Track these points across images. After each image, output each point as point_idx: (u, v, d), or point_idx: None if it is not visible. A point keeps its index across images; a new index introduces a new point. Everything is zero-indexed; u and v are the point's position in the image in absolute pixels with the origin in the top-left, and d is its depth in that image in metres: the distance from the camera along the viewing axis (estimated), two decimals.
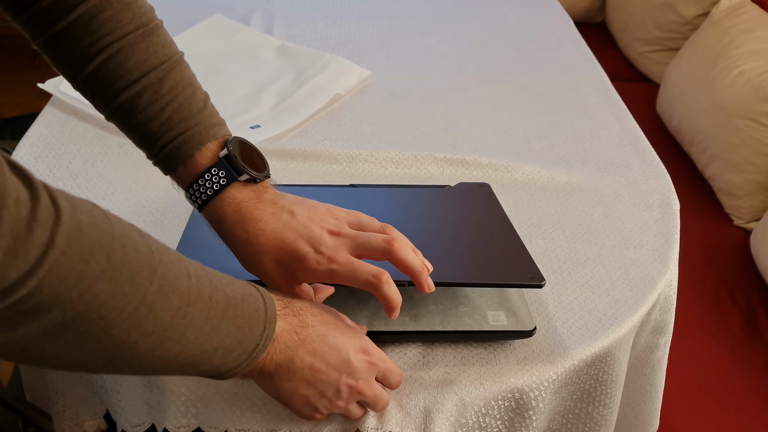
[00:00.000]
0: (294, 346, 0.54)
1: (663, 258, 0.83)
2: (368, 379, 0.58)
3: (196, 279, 0.48)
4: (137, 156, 0.93)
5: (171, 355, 0.47)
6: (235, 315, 0.50)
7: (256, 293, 0.53)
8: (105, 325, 0.42)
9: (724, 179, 1.50)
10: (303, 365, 0.54)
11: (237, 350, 0.51)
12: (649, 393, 0.88)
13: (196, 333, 0.47)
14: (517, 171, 0.95)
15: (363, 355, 0.57)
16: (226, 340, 0.49)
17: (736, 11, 1.63)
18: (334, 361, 0.55)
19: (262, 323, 0.52)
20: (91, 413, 0.77)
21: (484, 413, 0.66)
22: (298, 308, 0.56)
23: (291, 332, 0.54)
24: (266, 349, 0.52)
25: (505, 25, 1.44)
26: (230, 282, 0.51)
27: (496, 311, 0.70)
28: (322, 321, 0.56)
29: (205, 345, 0.48)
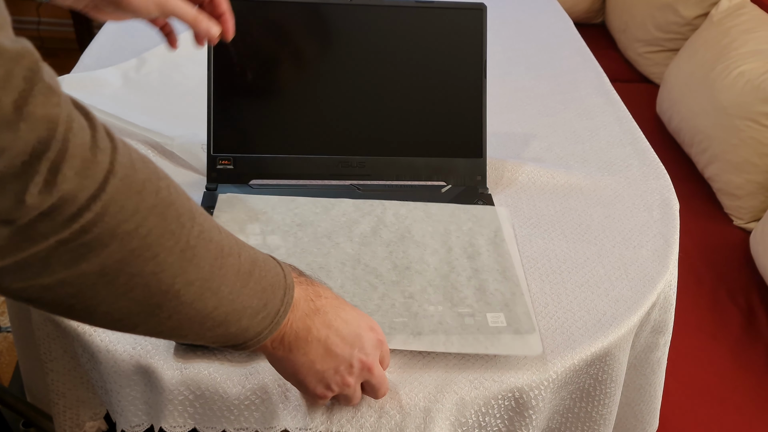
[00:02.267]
0: (311, 314, 0.55)
1: (662, 258, 0.83)
2: (376, 358, 0.59)
3: (225, 234, 0.49)
4: None
5: (208, 309, 0.47)
6: (261, 275, 0.51)
7: (273, 260, 0.54)
8: (155, 267, 0.43)
9: (724, 179, 1.50)
10: (320, 336, 0.55)
11: (262, 312, 0.51)
12: (649, 393, 0.88)
13: (230, 287, 0.48)
14: (517, 171, 0.96)
15: (371, 332, 0.58)
16: (253, 300, 0.50)
17: (736, 12, 1.63)
18: (347, 334, 0.56)
19: (282, 288, 0.52)
20: (92, 414, 0.77)
21: (484, 412, 0.66)
22: (311, 279, 0.58)
23: (307, 300, 0.55)
24: (287, 314, 0.53)
25: (505, 26, 1.44)
26: (250, 246, 0.52)
27: (495, 313, 0.70)
28: (332, 295, 0.58)
29: (236, 302, 0.49)
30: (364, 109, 0.87)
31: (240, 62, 0.85)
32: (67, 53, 2.86)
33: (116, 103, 1.01)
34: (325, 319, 0.55)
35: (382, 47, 0.87)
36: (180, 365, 0.65)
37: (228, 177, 0.85)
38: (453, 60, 0.88)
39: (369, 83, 0.87)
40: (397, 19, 0.87)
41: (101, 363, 0.67)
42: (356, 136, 0.87)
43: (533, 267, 0.80)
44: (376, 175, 0.88)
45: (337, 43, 0.86)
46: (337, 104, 0.87)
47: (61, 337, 0.73)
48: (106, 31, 1.29)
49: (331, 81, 0.86)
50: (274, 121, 0.86)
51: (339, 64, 0.86)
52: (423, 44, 0.88)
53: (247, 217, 0.79)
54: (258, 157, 0.86)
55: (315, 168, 0.87)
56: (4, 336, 1.63)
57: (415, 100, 0.88)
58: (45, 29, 2.95)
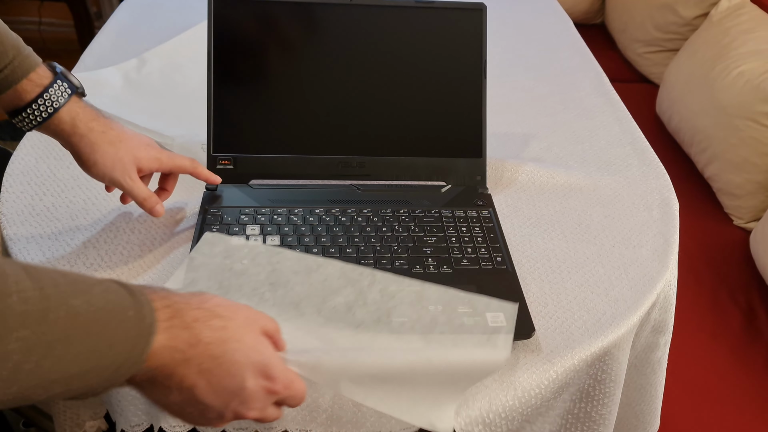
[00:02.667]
0: (176, 364, 0.46)
1: (662, 258, 0.83)
2: (261, 407, 0.50)
3: (18, 295, 0.38)
4: None
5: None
6: (88, 333, 0.41)
7: (125, 300, 0.44)
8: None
9: (724, 179, 1.50)
10: (183, 386, 0.47)
11: (95, 374, 0.42)
12: (649, 393, 0.88)
13: (16, 367, 0.38)
14: (517, 171, 0.96)
15: (263, 380, 0.49)
16: (75, 366, 0.41)
17: (736, 12, 1.63)
18: (223, 387, 0.48)
19: (131, 338, 0.43)
20: (92, 413, 0.77)
21: (486, 411, 0.66)
22: (192, 319, 0.47)
23: (173, 350, 0.46)
24: (138, 366, 0.44)
25: (505, 27, 1.44)
26: (84, 291, 0.42)
27: (495, 312, 0.70)
28: (220, 338, 0.48)
29: (44, 376, 0.40)
30: (364, 109, 0.87)
31: (240, 62, 0.85)
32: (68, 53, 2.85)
33: (117, 103, 1.01)
34: (198, 368, 0.46)
35: (382, 47, 0.87)
36: None
37: (228, 177, 0.85)
38: (453, 60, 0.89)
39: (369, 83, 0.87)
40: (397, 19, 0.88)
41: None
42: (356, 136, 0.87)
43: (533, 267, 0.80)
44: (376, 175, 0.88)
45: (337, 44, 0.86)
46: (337, 104, 0.87)
47: None
48: (106, 32, 1.29)
49: (331, 81, 0.87)
50: (273, 121, 0.86)
51: (339, 65, 0.86)
52: (423, 44, 0.88)
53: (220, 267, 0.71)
54: (258, 156, 0.86)
55: (315, 168, 0.87)
56: None
57: (415, 100, 0.88)
58: (46, 30, 2.95)
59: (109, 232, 0.80)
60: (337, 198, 0.86)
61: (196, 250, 0.71)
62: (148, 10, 1.37)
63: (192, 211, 0.84)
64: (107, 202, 0.85)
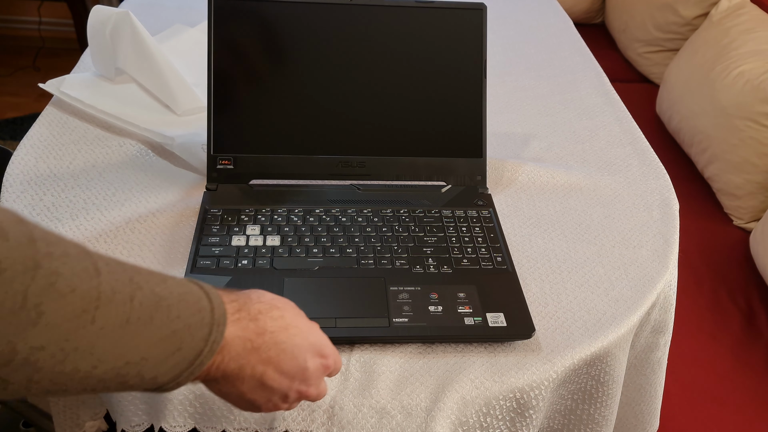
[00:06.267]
0: (245, 354, 0.49)
1: (662, 258, 0.83)
2: (318, 383, 0.55)
3: (108, 276, 0.40)
4: (138, 156, 0.94)
5: (82, 372, 0.39)
6: (169, 318, 0.43)
7: (198, 292, 0.47)
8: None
9: (724, 179, 1.50)
10: (254, 373, 0.50)
11: (174, 358, 0.44)
12: (649, 393, 0.88)
13: (114, 342, 0.40)
14: (517, 171, 0.96)
15: (319, 358, 0.54)
16: (158, 347, 0.43)
17: (736, 12, 1.63)
18: (288, 369, 0.52)
19: (207, 326, 0.46)
20: (91, 413, 0.77)
21: (485, 412, 0.66)
22: (256, 311, 0.51)
23: (244, 339, 0.49)
24: (213, 356, 0.47)
25: (505, 26, 1.44)
26: (162, 280, 0.45)
27: (495, 313, 0.71)
28: (282, 326, 0.52)
29: (128, 356, 0.41)
30: (364, 109, 0.87)
31: (240, 62, 0.85)
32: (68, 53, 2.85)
33: (117, 103, 1.01)
34: (265, 356, 0.50)
35: (382, 47, 0.87)
36: None
37: (228, 177, 0.85)
38: (453, 60, 0.88)
39: (369, 83, 0.87)
40: (397, 19, 0.87)
41: None
42: (356, 135, 0.87)
43: (533, 267, 0.80)
44: (376, 175, 0.88)
45: (337, 43, 0.86)
46: (337, 104, 0.87)
47: None
48: None
49: (331, 81, 0.86)
50: (274, 121, 0.86)
51: (339, 64, 0.86)
52: (423, 44, 0.88)
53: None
54: (258, 156, 0.86)
55: (315, 168, 0.87)
56: None
57: (415, 100, 0.88)
58: (46, 29, 2.95)
59: (109, 232, 0.80)
60: (337, 198, 0.86)
61: None
62: (148, 9, 1.37)
63: (192, 211, 0.84)
64: (106, 202, 0.85)
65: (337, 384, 0.65)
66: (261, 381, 0.51)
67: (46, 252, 0.37)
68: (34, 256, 0.37)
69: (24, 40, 2.97)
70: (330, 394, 0.64)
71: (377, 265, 0.76)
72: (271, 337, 0.51)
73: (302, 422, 0.62)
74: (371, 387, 0.65)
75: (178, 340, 0.44)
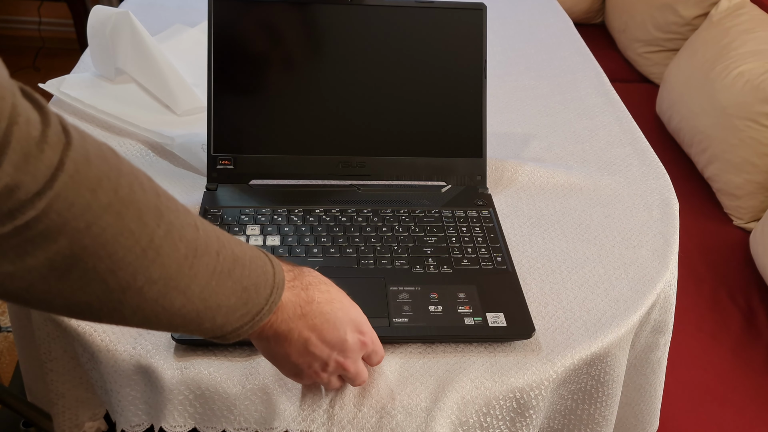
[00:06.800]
0: (295, 318, 0.55)
1: (662, 258, 0.83)
2: (356, 358, 0.60)
3: (203, 232, 0.47)
4: (138, 156, 0.94)
5: (175, 307, 0.46)
6: (242, 275, 0.50)
7: (264, 257, 0.53)
8: (111, 265, 0.42)
9: (724, 179, 1.50)
10: (300, 337, 0.55)
11: (241, 310, 0.51)
12: (649, 393, 0.88)
13: (202, 287, 0.47)
14: (517, 171, 0.96)
15: (358, 334, 0.59)
16: (231, 298, 0.49)
17: (736, 12, 1.63)
18: (330, 339, 0.57)
19: (269, 287, 0.52)
20: (91, 414, 0.77)
21: (485, 413, 0.66)
22: (308, 282, 0.57)
23: (296, 305, 0.55)
24: (270, 314, 0.53)
25: (505, 26, 1.44)
26: (238, 242, 0.51)
27: (495, 313, 0.71)
28: (327, 299, 0.57)
29: (209, 300, 0.48)
30: (364, 109, 0.87)
31: (240, 62, 0.85)
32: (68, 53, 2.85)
33: (117, 103, 1.01)
34: (310, 323, 0.56)
35: (382, 47, 0.87)
36: (180, 365, 0.65)
37: (228, 177, 0.85)
38: (453, 60, 0.88)
39: (369, 83, 0.87)
40: (397, 19, 0.88)
41: (101, 363, 0.67)
42: (356, 135, 0.87)
43: (533, 267, 0.80)
44: (376, 175, 0.88)
45: (337, 43, 0.86)
46: (337, 104, 0.87)
47: (62, 337, 0.73)
48: None
49: (331, 81, 0.87)
50: (274, 121, 0.86)
51: (339, 64, 0.86)
52: (423, 44, 0.88)
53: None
54: (258, 156, 0.86)
55: (315, 168, 0.87)
56: (4, 336, 1.63)
57: (415, 100, 0.88)
58: (46, 29, 2.95)
59: None
60: (337, 198, 0.86)
61: None
62: (148, 9, 1.37)
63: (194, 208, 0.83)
64: None
65: None
66: (305, 346, 0.56)
67: (166, 205, 0.45)
68: (159, 207, 0.44)
69: (24, 40, 2.97)
70: (330, 394, 0.64)
71: (377, 265, 0.76)
72: (317, 306, 0.56)
73: (302, 422, 0.62)
74: (371, 387, 0.65)
75: (246, 295, 0.50)
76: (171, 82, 1.02)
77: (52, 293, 0.42)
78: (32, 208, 0.37)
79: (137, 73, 1.04)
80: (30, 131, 0.37)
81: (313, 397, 0.64)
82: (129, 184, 0.42)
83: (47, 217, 0.38)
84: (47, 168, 0.38)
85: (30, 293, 0.42)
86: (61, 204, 0.38)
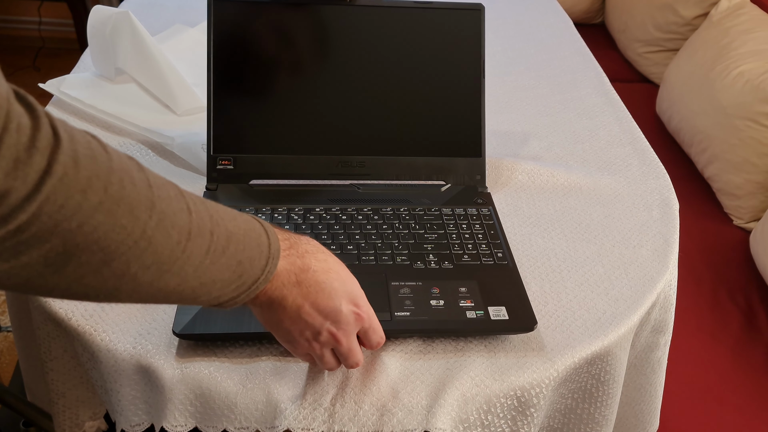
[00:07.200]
0: (289, 285, 0.56)
1: (662, 258, 0.83)
2: (349, 332, 0.60)
3: (196, 214, 0.49)
4: (138, 155, 0.94)
5: (170, 287, 0.48)
6: (237, 249, 0.51)
7: (260, 228, 0.54)
8: (105, 258, 0.43)
9: (724, 179, 1.50)
10: (293, 305, 0.56)
11: (236, 283, 0.52)
12: (649, 393, 0.88)
13: (195, 266, 0.49)
14: (517, 171, 0.96)
15: (353, 306, 0.59)
16: (226, 273, 0.51)
17: (736, 12, 1.64)
18: (323, 307, 0.57)
19: (264, 258, 0.53)
20: (91, 413, 0.77)
21: (486, 410, 0.66)
22: (304, 250, 0.58)
23: (290, 272, 0.56)
24: (267, 283, 0.54)
25: (505, 26, 1.44)
26: (233, 217, 0.53)
27: (497, 306, 0.70)
28: (324, 268, 0.58)
29: (203, 278, 0.50)
30: (363, 109, 0.87)
31: (240, 62, 0.85)
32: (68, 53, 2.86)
33: (117, 103, 1.01)
34: (305, 291, 0.57)
35: (381, 47, 0.87)
36: (181, 364, 0.65)
37: (228, 177, 0.85)
38: (452, 60, 0.89)
39: (368, 83, 0.87)
40: (396, 20, 0.88)
41: (101, 362, 0.67)
42: (356, 135, 0.87)
43: (533, 266, 0.80)
44: (376, 175, 0.88)
45: (336, 44, 0.86)
46: (336, 104, 0.87)
47: (62, 337, 0.73)
48: None
49: (331, 81, 0.87)
50: (274, 121, 0.86)
51: (338, 65, 0.86)
52: (422, 44, 0.88)
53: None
54: (258, 156, 0.86)
55: (315, 168, 0.87)
56: (4, 336, 1.63)
57: (414, 100, 0.88)
58: (46, 29, 2.95)
59: None
60: (337, 197, 0.86)
61: None
62: (148, 9, 1.37)
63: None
64: None
65: (338, 382, 0.65)
66: (298, 313, 0.57)
67: (158, 195, 0.46)
68: (151, 198, 0.45)
69: (24, 40, 2.97)
70: (331, 392, 0.64)
71: (378, 261, 0.76)
72: (313, 275, 0.57)
73: (303, 420, 0.62)
74: (372, 385, 0.65)
75: (241, 269, 0.52)
76: (171, 82, 1.02)
77: (49, 285, 0.43)
78: (23, 212, 0.38)
79: (137, 73, 1.04)
80: (20, 137, 0.38)
81: (314, 395, 0.64)
82: (119, 180, 0.43)
83: (38, 220, 0.39)
84: (36, 173, 0.38)
85: (27, 286, 0.43)
86: (51, 206, 0.39)
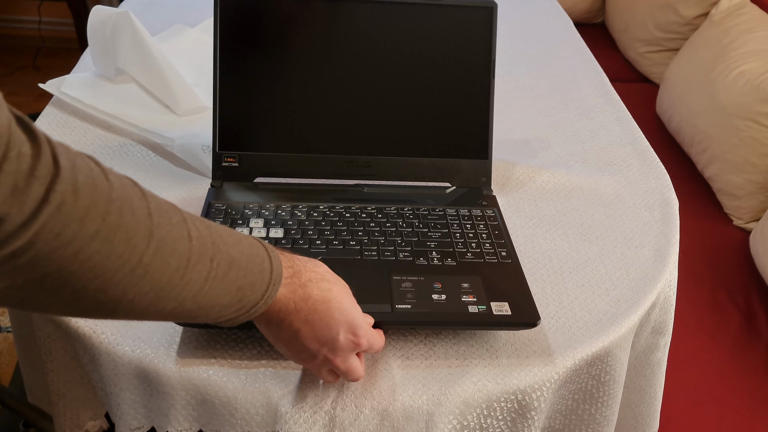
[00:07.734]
0: (288, 312, 0.57)
1: (663, 258, 0.83)
2: (346, 357, 0.60)
3: (197, 241, 0.49)
4: (138, 156, 0.93)
5: (167, 311, 0.49)
6: (238, 276, 0.52)
7: (264, 254, 0.55)
8: (101, 285, 0.43)
9: (724, 179, 1.50)
10: (291, 328, 0.57)
11: (235, 306, 0.53)
12: (649, 394, 0.88)
13: (194, 292, 0.49)
14: (518, 171, 0.96)
15: (351, 336, 0.59)
16: (225, 298, 0.52)
17: (736, 11, 1.63)
18: (320, 336, 0.58)
19: (265, 284, 0.54)
20: (92, 413, 0.77)
21: (486, 414, 0.66)
22: (307, 279, 0.58)
23: (289, 300, 0.57)
24: (266, 307, 0.55)
25: (505, 26, 1.44)
26: (237, 241, 0.53)
27: (499, 302, 0.70)
28: (325, 298, 0.58)
29: (202, 302, 0.50)
30: (370, 109, 0.87)
31: (245, 60, 0.85)
32: (68, 53, 2.85)
33: (117, 103, 1.01)
34: (303, 317, 0.57)
35: (389, 45, 0.87)
36: (181, 368, 0.65)
37: (233, 174, 0.85)
38: (461, 59, 0.88)
39: (376, 82, 0.87)
40: (405, 18, 0.87)
41: (101, 365, 0.67)
42: (362, 135, 0.87)
43: (535, 266, 0.80)
44: (381, 175, 0.88)
45: (344, 41, 0.86)
46: (343, 103, 0.87)
47: (62, 338, 0.72)
48: None
49: (338, 79, 0.86)
50: (279, 120, 0.86)
51: (346, 63, 0.86)
52: (431, 43, 0.87)
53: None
54: (263, 155, 0.86)
55: (320, 167, 0.87)
56: (4, 336, 1.63)
57: (421, 100, 0.88)
58: (46, 29, 2.95)
59: None
60: (341, 196, 0.85)
61: None
62: (148, 9, 1.37)
63: (195, 211, 0.83)
64: None
65: (338, 385, 0.65)
66: (295, 336, 0.58)
67: (158, 223, 0.46)
68: (150, 227, 0.45)
69: (24, 39, 2.97)
70: (331, 396, 0.64)
71: (380, 257, 0.76)
72: (312, 304, 0.57)
73: (304, 424, 0.62)
74: (373, 388, 0.65)
75: (241, 293, 0.53)
76: (171, 82, 1.02)
77: (45, 305, 0.44)
78: (18, 238, 0.39)
79: (137, 73, 1.04)
80: (20, 165, 0.38)
81: (315, 398, 0.64)
82: (118, 209, 0.43)
83: (34, 247, 0.39)
84: (33, 201, 0.39)
85: (23, 305, 0.44)
86: (48, 234, 0.39)
